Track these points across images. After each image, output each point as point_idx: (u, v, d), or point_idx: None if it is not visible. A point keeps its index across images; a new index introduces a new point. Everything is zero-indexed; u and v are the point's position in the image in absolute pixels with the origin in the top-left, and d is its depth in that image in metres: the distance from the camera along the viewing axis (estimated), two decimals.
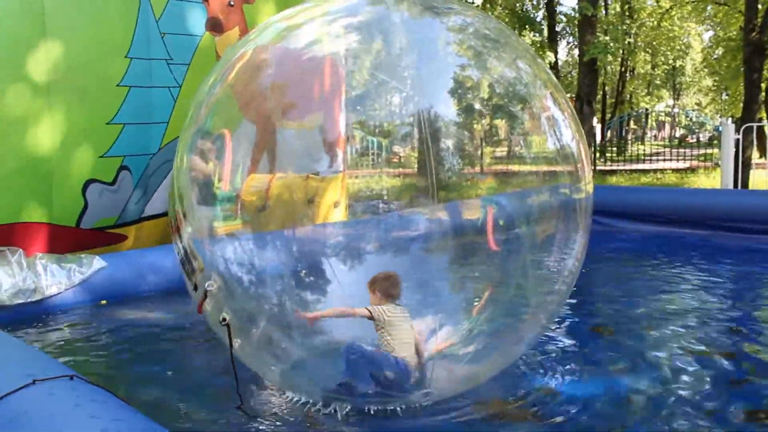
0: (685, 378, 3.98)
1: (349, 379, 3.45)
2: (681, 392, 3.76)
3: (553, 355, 4.36)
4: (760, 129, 19.27)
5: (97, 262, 5.85)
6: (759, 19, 15.15)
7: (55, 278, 5.61)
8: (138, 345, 4.79)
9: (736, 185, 11.37)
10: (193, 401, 3.73)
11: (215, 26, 7.23)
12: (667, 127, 44.30)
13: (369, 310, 3.47)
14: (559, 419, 3.42)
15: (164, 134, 6.97)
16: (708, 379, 3.95)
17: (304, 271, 3.94)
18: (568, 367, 4.14)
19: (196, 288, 3.46)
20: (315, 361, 3.76)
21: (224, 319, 3.26)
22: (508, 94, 3.76)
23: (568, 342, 4.70)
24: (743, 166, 11.94)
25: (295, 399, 3.63)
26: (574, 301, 6.01)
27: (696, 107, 44.82)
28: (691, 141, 32.15)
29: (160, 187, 7.01)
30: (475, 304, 3.71)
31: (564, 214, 3.72)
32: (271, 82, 3.71)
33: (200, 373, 4.24)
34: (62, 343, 4.88)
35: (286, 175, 3.86)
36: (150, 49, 6.73)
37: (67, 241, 6.37)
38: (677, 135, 37.45)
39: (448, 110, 3.78)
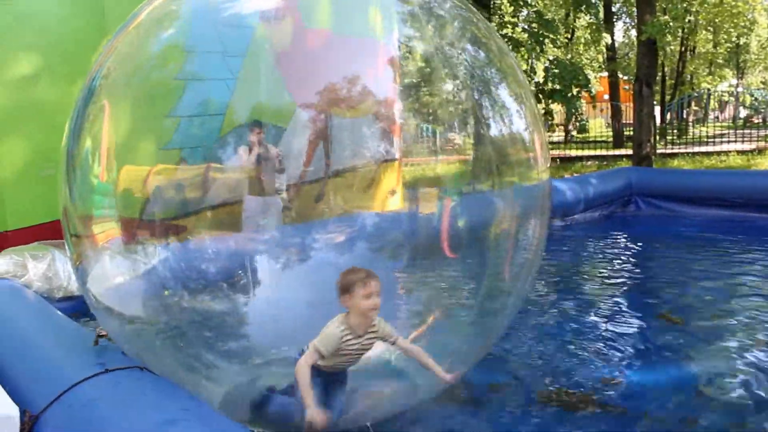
0: (752, 368, 3.84)
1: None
2: (749, 382, 3.64)
3: (618, 343, 4.27)
4: None
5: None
6: None
7: None
8: None
9: None
10: None
11: None
12: (730, 107, 42.78)
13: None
14: (622, 409, 3.36)
15: (221, 126, 7.09)
16: None
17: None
18: (632, 355, 4.06)
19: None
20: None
21: (101, 336, 3.09)
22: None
23: (633, 330, 4.59)
24: None
25: None
26: (638, 288, 5.88)
27: (761, 86, 43.07)
28: (756, 121, 30.93)
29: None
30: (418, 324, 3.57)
31: (520, 206, 3.54)
32: (322, 69, 3.68)
33: None
34: None
35: (167, 167, 3.32)
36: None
37: None
38: (741, 115, 36.05)
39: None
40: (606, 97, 29.20)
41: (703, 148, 21.42)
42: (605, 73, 29.42)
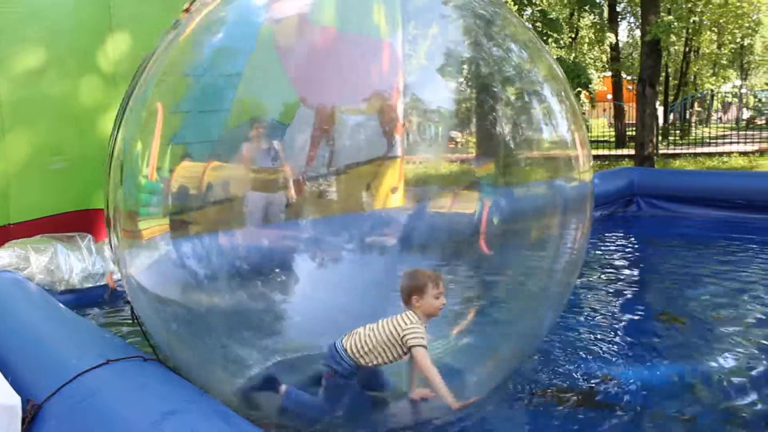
0: (751, 368, 3.86)
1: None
2: (747, 381, 3.65)
3: (617, 341, 4.28)
4: None
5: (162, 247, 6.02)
6: None
7: None
8: None
9: None
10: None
11: None
12: (734, 108, 42.71)
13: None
14: (621, 406, 3.37)
15: (225, 122, 7.11)
16: None
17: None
18: (631, 353, 4.07)
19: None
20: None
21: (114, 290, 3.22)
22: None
23: (632, 329, 4.61)
24: None
25: None
26: (639, 287, 5.89)
27: (765, 87, 42.96)
28: (759, 122, 30.90)
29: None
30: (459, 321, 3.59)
31: (560, 206, 3.54)
32: (326, 66, 3.70)
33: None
34: (127, 324, 5.03)
35: (222, 164, 3.50)
36: None
37: None
38: (744, 117, 35.98)
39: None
40: (609, 96, 29.15)
41: (706, 149, 21.39)
42: (608, 73, 29.39)
